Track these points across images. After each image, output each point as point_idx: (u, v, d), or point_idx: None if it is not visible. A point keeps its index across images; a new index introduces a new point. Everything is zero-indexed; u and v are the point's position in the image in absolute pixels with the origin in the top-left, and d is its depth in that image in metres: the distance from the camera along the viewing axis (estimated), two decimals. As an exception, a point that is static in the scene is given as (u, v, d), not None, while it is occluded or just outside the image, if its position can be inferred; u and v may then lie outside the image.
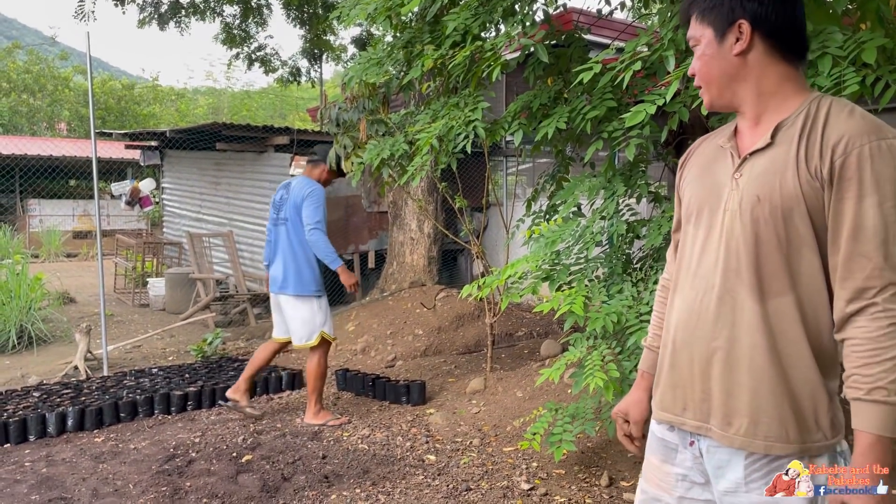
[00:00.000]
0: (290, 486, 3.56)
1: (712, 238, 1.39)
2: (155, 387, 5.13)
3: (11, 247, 12.00)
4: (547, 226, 3.63)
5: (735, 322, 1.34)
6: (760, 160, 1.35)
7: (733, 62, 1.37)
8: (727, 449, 1.35)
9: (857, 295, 1.25)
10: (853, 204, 1.25)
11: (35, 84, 26.86)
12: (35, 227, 17.29)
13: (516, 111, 4.02)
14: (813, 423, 1.30)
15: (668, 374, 1.47)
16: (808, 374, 1.30)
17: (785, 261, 1.31)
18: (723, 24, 1.36)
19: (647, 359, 1.69)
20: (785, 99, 1.37)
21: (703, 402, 1.39)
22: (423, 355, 6.47)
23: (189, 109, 32.29)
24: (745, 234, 1.33)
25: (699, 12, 1.40)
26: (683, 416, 1.43)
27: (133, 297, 9.91)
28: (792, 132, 1.32)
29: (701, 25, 1.40)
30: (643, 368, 1.68)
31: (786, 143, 1.32)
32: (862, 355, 1.23)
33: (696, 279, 1.42)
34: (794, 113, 1.34)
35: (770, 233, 1.31)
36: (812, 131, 1.30)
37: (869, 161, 1.24)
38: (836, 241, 1.28)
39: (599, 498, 3.38)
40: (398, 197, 8.58)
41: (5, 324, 6.67)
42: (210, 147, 9.56)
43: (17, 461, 3.93)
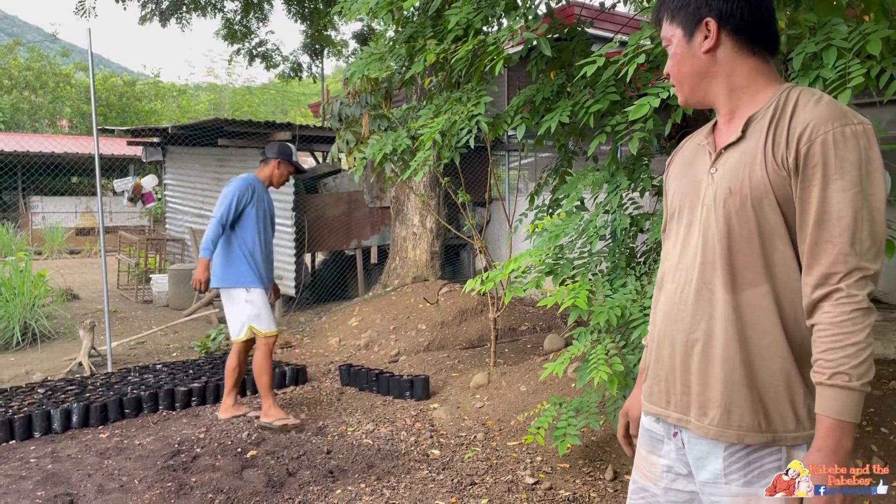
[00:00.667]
0: (295, 481, 3.56)
1: (692, 233, 1.42)
2: (159, 383, 5.14)
3: (14, 244, 12.03)
4: (550, 220, 3.63)
5: (711, 314, 1.36)
6: (733, 154, 1.37)
7: (703, 60, 1.40)
8: (706, 440, 1.37)
9: (822, 281, 1.26)
10: (818, 191, 1.26)
11: (36, 81, 26.87)
12: (38, 224, 17.32)
13: (519, 105, 4.01)
14: (789, 413, 1.31)
15: (653, 368, 1.50)
16: (783, 364, 1.31)
17: (757, 252, 1.33)
18: (690, 23, 1.39)
19: (646, 357, 1.70)
20: (756, 92, 1.39)
21: (684, 395, 1.41)
22: (427, 350, 6.47)
23: (190, 105, 32.29)
24: (718, 227, 1.35)
25: (668, 13, 1.43)
26: (668, 408, 1.45)
27: (136, 294, 9.92)
28: (762, 124, 1.34)
29: (671, 26, 1.43)
30: (643, 366, 1.69)
31: (756, 135, 1.34)
32: (826, 340, 1.24)
33: (676, 273, 1.44)
34: (764, 105, 1.36)
35: (742, 224, 1.33)
36: (780, 121, 1.32)
37: (833, 147, 1.25)
38: (803, 229, 1.29)
39: (604, 492, 3.38)
40: (400, 192, 8.57)
41: (9, 321, 6.69)
42: (212, 143, 9.55)
43: (23, 457, 3.94)
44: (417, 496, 3.37)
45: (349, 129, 5.16)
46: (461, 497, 3.36)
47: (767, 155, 1.31)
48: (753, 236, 1.33)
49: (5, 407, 4.53)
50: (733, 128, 1.40)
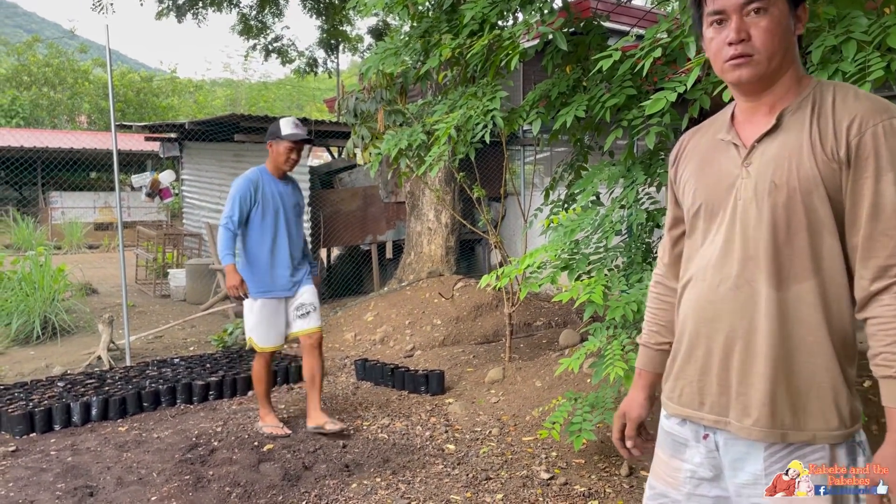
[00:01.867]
0: (311, 475, 3.59)
1: (725, 229, 1.37)
2: (177, 376, 5.19)
3: (34, 238, 12.17)
4: (566, 215, 3.62)
5: (754, 311, 1.32)
6: (771, 146, 1.33)
7: (792, 40, 1.35)
8: (745, 441, 1.34)
9: (880, 273, 1.25)
10: (871, 183, 1.25)
11: (55, 77, 27.14)
12: (57, 219, 17.50)
13: (534, 100, 4.00)
14: (832, 411, 1.28)
15: (682, 369, 1.45)
16: (826, 361, 1.29)
17: (805, 245, 1.29)
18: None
19: (644, 357, 1.66)
20: (796, 83, 1.36)
21: (722, 396, 1.37)
22: (442, 345, 6.48)
23: (207, 101, 32.48)
24: (761, 222, 1.31)
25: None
26: (701, 410, 1.40)
27: (154, 288, 10.01)
28: (800, 116, 1.31)
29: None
30: (641, 367, 1.66)
31: (795, 127, 1.31)
32: (889, 333, 1.23)
33: (710, 271, 1.39)
34: (797, 98, 1.33)
35: (789, 218, 1.29)
36: (821, 114, 1.29)
37: (883, 139, 1.24)
38: (855, 222, 1.27)
39: (619, 487, 3.38)
40: (415, 187, 8.58)
41: (29, 315, 6.77)
42: (228, 138, 9.61)
43: (43, 450, 4.00)
44: (433, 491, 3.38)
45: (364, 124, 5.17)
46: (476, 492, 3.37)
47: (815, 147, 1.28)
48: (801, 230, 1.29)
49: (26, 400, 4.59)
50: (762, 121, 1.36)
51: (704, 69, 3.07)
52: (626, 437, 1.64)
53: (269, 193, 4.12)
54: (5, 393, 4.78)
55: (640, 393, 1.64)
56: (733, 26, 1.31)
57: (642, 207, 3.45)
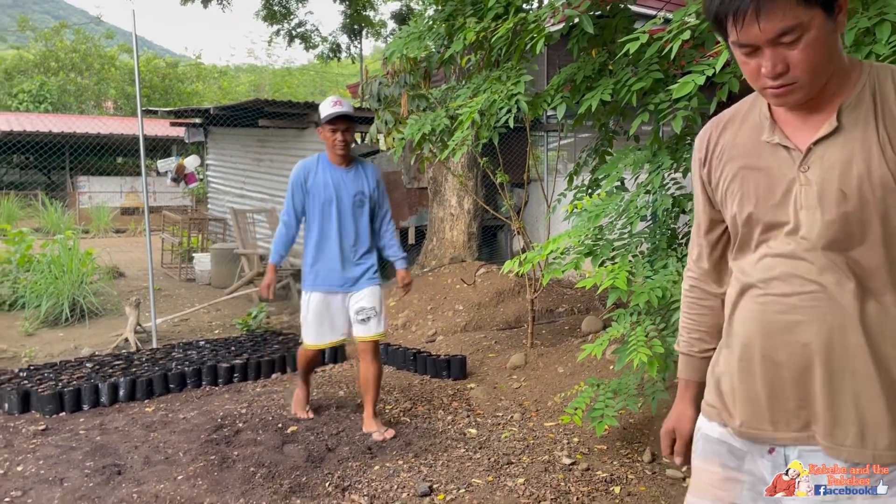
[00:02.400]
0: (335, 457, 3.62)
1: (785, 240, 1.25)
2: (202, 359, 5.25)
3: (63, 222, 12.35)
4: (590, 200, 3.60)
5: (831, 324, 1.21)
6: (832, 150, 1.20)
7: (836, 44, 1.18)
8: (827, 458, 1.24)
9: None
10: None
11: (82, 63, 27.45)
12: (84, 203, 17.75)
13: (559, 84, 3.96)
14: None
15: (744, 386, 1.32)
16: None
17: (884, 256, 1.19)
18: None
19: (689, 366, 1.54)
20: (845, 75, 1.21)
21: (801, 410, 1.26)
22: (464, 331, 6.49)
23: (231, 87, 32.66)
24: (831, 232, 1.19)
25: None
26: (776, 430, 1.28)
27: (179, 272, 10.13)
28: (861, 113, 1.19)
29: (803, 8, 1.11)
30: (686, 377, 1.55)
31: (858, 126, 1.18)
32: None
33: (776, 283, 1.27)
34: (853, 91, 1.20)
35: (863, 228, 1.18)
36: (885, 109, 1.17)
37: None
38: None
39: (642, 474, 3.37)
40: (438, 173, 8.57)
41: (58, 297, 6.89)
42: (253, 124, 9.67)
43: (72, 429, 4.07)
44: (454, 474, 3.40)
45: (388, 109, 5.16)
46: (498, 476, 3.38)
47: (886, 148, 1.16)
48: (877, 240, 1.18)
49: (55, 380, 4.68)
50: (815, 119, 1.22)
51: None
52: (675, 452, 1.55)
53: (320, 182, 3.87)
54: (35, 373, 4.87)
55: (689, 406, 1.54)
56: (768, 60, 1.16)
57: (668, 193, 3.42)
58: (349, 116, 3.83)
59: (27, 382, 4.60)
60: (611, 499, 3.15)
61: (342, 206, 3.87)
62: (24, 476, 3.42)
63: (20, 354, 5.74)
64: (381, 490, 3.25)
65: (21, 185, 20.61)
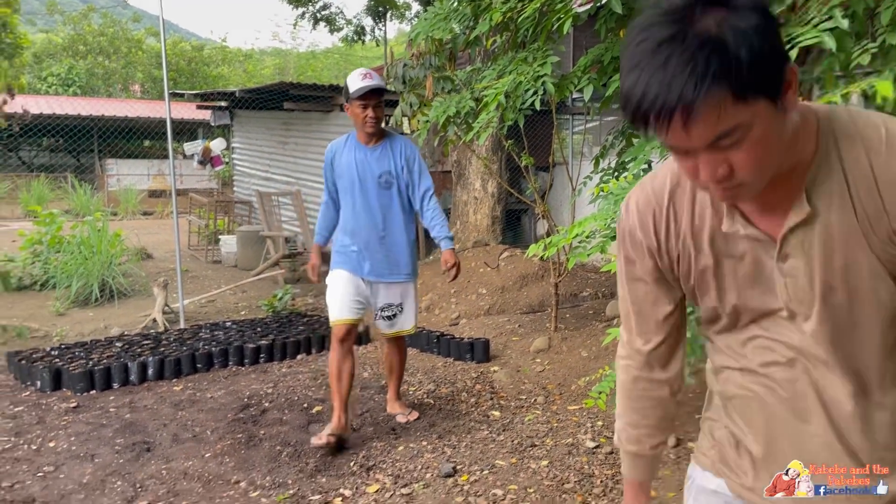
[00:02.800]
0: (359, 437, 3.66)
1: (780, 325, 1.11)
2: (229, 339, 5.32)
3: (92, 205, 12.53)
4: (616, 183, 3.56)
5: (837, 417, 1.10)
6: (809, 236, 1.03)
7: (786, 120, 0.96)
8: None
9: None
10: None
11: (110, 46, 27.70)
12: (113, 186, 17.97)
13: (586, 65, 3.92)
14: None
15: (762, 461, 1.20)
16: None
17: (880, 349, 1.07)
18: (776, 77, 0.90)
19: (639, 466, 1.37)
20: (804, 142, 1.01)
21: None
22: (487, 314, 6.50)
23: (256, 70, 32.75)
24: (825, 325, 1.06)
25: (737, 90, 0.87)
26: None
27: (206, 254, 10.24)
28: (832, 188, 1.00)
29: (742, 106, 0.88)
30: (639, 478, 1.38)
31: (833, 208, 1.01)
32: None
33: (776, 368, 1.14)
34: (817, 160, 1.01)
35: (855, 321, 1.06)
36: (859, 180, 0.99)
37: None
38: None
39: (666, 458, 3.36)
40: (462, 156, 8.54)
41: (88, 277, 7.00)
42: (278, 107, 9.70)
43: (103, 407, 4.15)
44: (478, 455, 3.42)
45: (413, 91, 5.13)
46: (521, 458, 3.39)
47: (867, 232, 1.00)
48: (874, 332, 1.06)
49: (86, 359, 4.77)
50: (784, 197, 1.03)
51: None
52: None
53: (345, 163, 3.64)
54: (67, 352, 4.97)
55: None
56: (705, 166, 0.94)
57: (696, 176, 3.37)
58: (380, 90, 3.53)
59: (59, 361, 4.70)
60: (634, 482, 3.15)
61: (366, 188, 3.60)
62: (57, 452, 3.50)
63: (52, 333, 5.85)
64: (405, 470, 3.28)
65: (51, 167, 20.92)
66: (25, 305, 6.84)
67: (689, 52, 0.86)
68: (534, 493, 3.05)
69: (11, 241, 8.88)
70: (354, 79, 3.54)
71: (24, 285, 7.52)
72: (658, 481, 3.14)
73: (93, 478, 3.21)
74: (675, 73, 0.86)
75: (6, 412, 4.03)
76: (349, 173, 3.62)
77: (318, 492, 3.08)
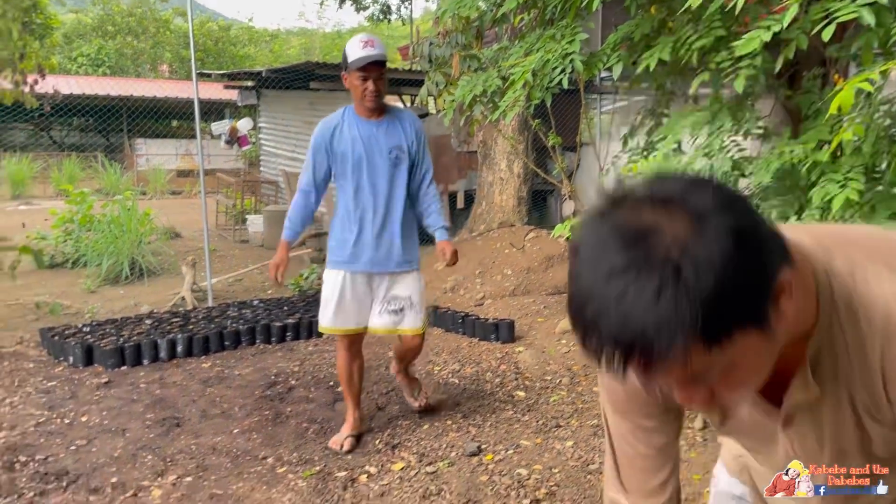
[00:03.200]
0: (385, 416, 3.68)
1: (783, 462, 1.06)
2: (256, 318, 5.37)
3: (121, 184, 12.69)
4: (645, 163, 3.51)
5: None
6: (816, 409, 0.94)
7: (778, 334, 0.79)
8: None
9: None
10: None
11: (138, 27, 27.90)
12: (142, 165, 18.19)
13: (616, 43, 3.85)
14: None
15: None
16: None
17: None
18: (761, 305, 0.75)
19: None
20: (799, 316, 0.85)
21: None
22: (512, 295, 6.48)
23: (282, 50, 32.80)
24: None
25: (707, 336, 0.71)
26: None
27: (233, 233, 10.34)
28: (839, 362, 0.89)
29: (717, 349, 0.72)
30: None
31: (840, 385, 0.91)
32: None
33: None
34: (821, 327, 0.88)
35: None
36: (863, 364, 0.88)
37: None
38: None
39: (692, 440, 3.33)
40: (488, 136, 8.48)
41: (118, 256, 7.11)
42: (304, 86, 9.70)
43: (133, 382, 4.23)
44: (503, 435, 3.42)
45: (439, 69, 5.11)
46: (546, 438, 3.39)
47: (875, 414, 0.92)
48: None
49: (117, 335, 4.85)
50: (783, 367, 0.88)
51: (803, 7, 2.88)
52: None
53: (347, 140, 3.19)
54: (98, 328, 5.05)
55: None
56: (680, 394, 0.81)
57: (728, 156, 3.31)
58: (382, 61, 3.17)
59: (90, 337, 4.78)
60: (660, 464, 3.13)
61: (374, 166, 3.20)
62: (89, 426, 3.57)
63: (83, 310, 5.96)
64: (429, 448, 3.29)
65: (81, 147, 21.22)
66: (58, 283, 6.97)
67: (647, 291, 0.69)
68: (558, 474, 3.05)
69: (44, 219, 9.04)
70: (354, 47, 3.14)
71: (57, 263, 7.67)
72: (684, 463, 3.12)
73: (124, 451, 3.27)
74: (632, 313, 0.69)
75: (40, 387, 4.12)
76: (355, 151, 3.18)
77: (344, 468, 3.11)
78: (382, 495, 2.90)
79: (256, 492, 2.92)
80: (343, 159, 3.20)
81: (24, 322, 5.61)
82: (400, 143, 3.24)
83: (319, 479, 3.02)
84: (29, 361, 4.59)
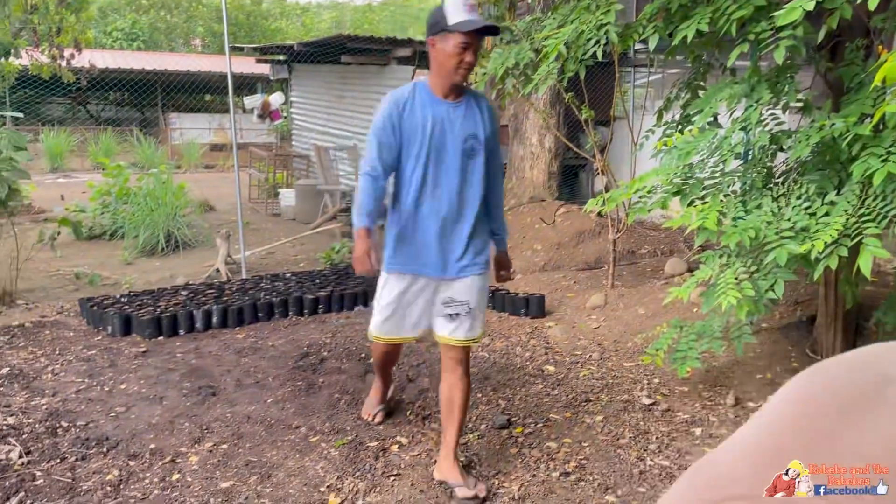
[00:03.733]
0: (415, 387, 3.72)
1: None
2: (289, 290, 5.44)
3: (156, 157, 12.86)
4: (680, 137, 3.45)
5: None
6: None
7: None
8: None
9: None
10: None
11: (171, 1, 28.02)
12: (176, 139, 18.39)
13: (652, 13, 3.77)
14: None
15: None
16: None
17: None
18: None
19: None
20: None
21: None
22: (542, 270, 6.47)
23: (314, 24, 32.74)
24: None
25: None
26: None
27: (266, 207, 10.44)
28: None
29: None
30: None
31: None
32: None
33: None
34: None
35: None
36: None
37: None
38: None
39: (724, 416, 3.32)
40: (519, 110, 8.41)
41: (154, 228, 7.23)
42: (335, 60, 9.69)
43: (170, 352, 4.32)
44: (532, 409, 3.44)
45: (471, 43, 5.06)
46: (576, 412, 3.40)
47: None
48: None
49: (154, 306, 4.95)
50: None
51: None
52: None
53: (417, 122, 2.67)
54: (135, 299, 5.16)
55: None
56: None
57: (766, 129, 3.24)
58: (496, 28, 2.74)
59: (128, 307, 4.89)
60: (691, 440, 3.13)
61: (446, 155, 2.69)
62: (128, 394, 3.67)
63: (121, 281, 6.09)
64: (459, 421, 3.32)
65: (117, 121, 21.52)
66: (96, 254, 7.12)
67: None
68: (588, 448, 3.06)
69: (82, 192, 9.22)
70: (456, 7, 2.55)
71: (95, 234, 7.83)
72: (715, 439, 3.11)
73: (161, 419, 3.35)
74: None
75: (80, 355, 4.23)
76: (424, 135, 2.66)
77: (376, 439, 3.16)
78: (413, 466, 2.94)
79: (290, 459, 2.98)
80: (409, 144, 2.68)
81: (64, 292, 5.75)
82: (476, 131, 2.71)
83: (351, 448, 3.07)
84: (69, 330, 4.71)
